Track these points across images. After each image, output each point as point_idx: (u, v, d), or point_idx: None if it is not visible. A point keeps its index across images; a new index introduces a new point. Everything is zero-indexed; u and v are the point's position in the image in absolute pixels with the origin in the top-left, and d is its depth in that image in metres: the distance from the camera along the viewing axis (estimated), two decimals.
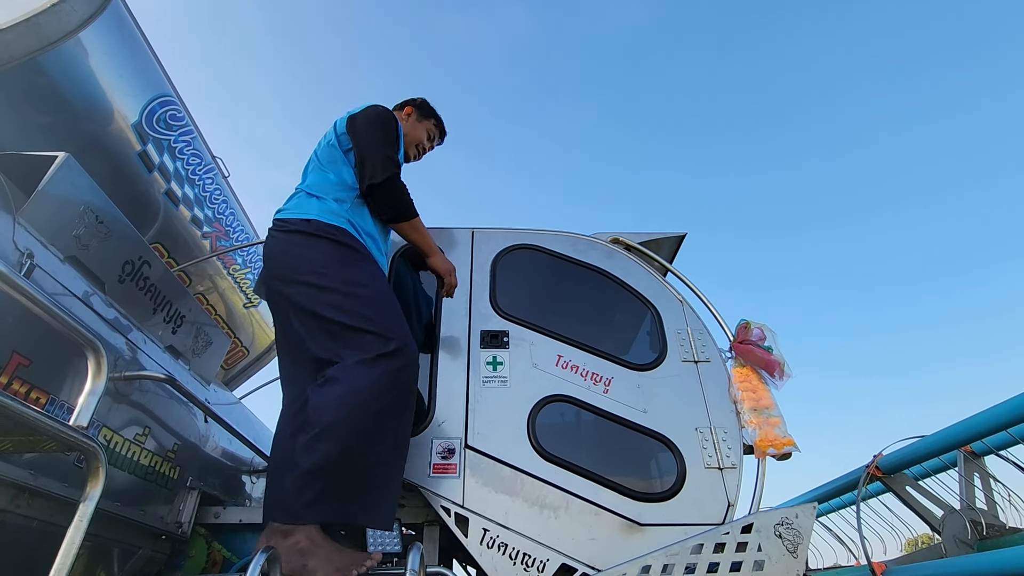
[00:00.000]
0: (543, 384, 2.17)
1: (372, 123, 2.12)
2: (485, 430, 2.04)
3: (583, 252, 2.64)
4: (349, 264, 1.88)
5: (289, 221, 1.96)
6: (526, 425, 2.05)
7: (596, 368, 2.24)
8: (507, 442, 2.01)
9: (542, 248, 2.65)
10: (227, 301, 3.79)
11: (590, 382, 2.20)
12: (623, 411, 2.13)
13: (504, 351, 2.26)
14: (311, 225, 1.92)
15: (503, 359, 2.23)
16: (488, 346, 2.27)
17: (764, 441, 2.07)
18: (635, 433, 2.11)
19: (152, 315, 2.28)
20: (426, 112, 2.55)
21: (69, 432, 1.03)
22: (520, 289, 2.59)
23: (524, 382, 2.17)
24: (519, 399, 2.12)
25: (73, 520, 1.07)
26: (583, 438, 2.41)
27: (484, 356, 2.25)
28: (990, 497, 2.70)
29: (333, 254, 1.88)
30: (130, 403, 1.94)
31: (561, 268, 2.64)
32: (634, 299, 2.55)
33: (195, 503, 2.24)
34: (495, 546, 1.83)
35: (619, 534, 1.85)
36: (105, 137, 2.62)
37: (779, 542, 1.60)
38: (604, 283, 2.59)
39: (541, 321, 2.38)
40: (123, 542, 1.91)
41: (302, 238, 1.90)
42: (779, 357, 2.31)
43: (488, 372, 2.20)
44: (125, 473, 1.87)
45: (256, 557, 1.25)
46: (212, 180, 3.37)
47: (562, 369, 2.22)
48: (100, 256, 1.90)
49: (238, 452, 2.91)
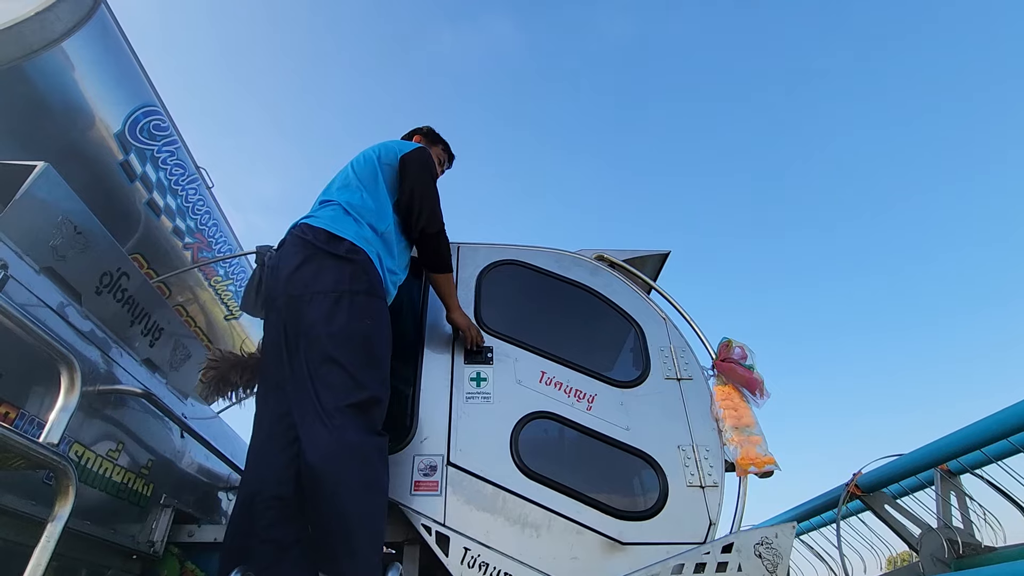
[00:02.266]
0: (527, 400, 2.16)
1: (424, 168, 2.21)
2: (467, 447, 2.02)
3: (567, 268, 2.66)
4: (361, 299, 1.84)
5: (318, 233, 1.91)
6: (509, 442, 2.04)
7: (580, 385, 2.24)
8: (490, 459, 2.00)
9: (527, 264, 2.66)
10: (207, 313, 3.74)
11: (573, 399, 2.20)
12: (606, 428, 2.13)
13: (488, 367, 2.25)
14: (343, 246, 1.89)
15: (487, 375, 2.22)
16: (472, 361, 2.26)
17: (745, 459, 2.08)
18: (618, 451, 2.11)
19: (129, 327, 2.23)
20: (433, 139, 2.61)
21: (39, 449, 1.00)
22: (505, 305, 2.59)
23: (508, 398, 2.16)
24: (502, 415, 2.11)
25: (40, 540, 1.04)
26: (566, 456, 2.40)
27: (468, 372, 2.23)
28: (966, 516, 2.74)
29: (349, 283, 1.84)
30: (104, 418, 1.89)
31: (546, 284, 2.65)
32: (618, 316, 2.56)
33: (168, 521, 2.18)
34: (476, 565, 1.81)
35: (600, 553, 1.83)
36: (87, 146, 2.59)
37: (759, 562, 1.61)
38: (588, 300, 2.61)
39: (525, 337, 2.38)
40: (91, 562, 1.85)
41: (326, 258, 1.86)
42: (759, 376, 2.34)
43: (472, 388, 2.18)
44: (96, 490, 1.82)
45: None
46: (195, 191, 3.34)
47: (546, 385, 2.22)
48: (77, 267, 1.87)
49: (215, 468, 2.84)
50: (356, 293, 1.83)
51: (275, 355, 1.89)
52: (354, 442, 1.61)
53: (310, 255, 1.87)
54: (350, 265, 1.86)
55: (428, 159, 2.26)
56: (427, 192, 2.16)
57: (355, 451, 1.60)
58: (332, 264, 1.85)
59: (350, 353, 1.73)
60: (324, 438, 1.59)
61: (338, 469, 1.57)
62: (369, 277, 1.90)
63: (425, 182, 2.18)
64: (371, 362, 1.78)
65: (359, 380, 1.70)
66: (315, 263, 1.85)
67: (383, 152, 2.22)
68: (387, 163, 2.19)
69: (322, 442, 1.59)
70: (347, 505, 1.55)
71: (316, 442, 1.59)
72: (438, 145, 2.63)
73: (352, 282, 1.84)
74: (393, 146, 2.26)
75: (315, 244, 1.88)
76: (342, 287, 1.82)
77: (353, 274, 1.86)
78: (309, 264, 1.85)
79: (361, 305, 1.83)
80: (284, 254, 1.93)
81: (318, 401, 1.65)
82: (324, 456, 1.57)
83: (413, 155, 2.21)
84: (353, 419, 1.64)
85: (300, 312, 1.79)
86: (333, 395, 1.66)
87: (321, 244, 1.88)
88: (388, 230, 2.09)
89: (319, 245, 1.88)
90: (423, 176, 2.18)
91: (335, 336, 1.73)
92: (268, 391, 1.88)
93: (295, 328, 1.78)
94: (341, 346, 1.72)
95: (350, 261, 1.87)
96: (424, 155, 2.25)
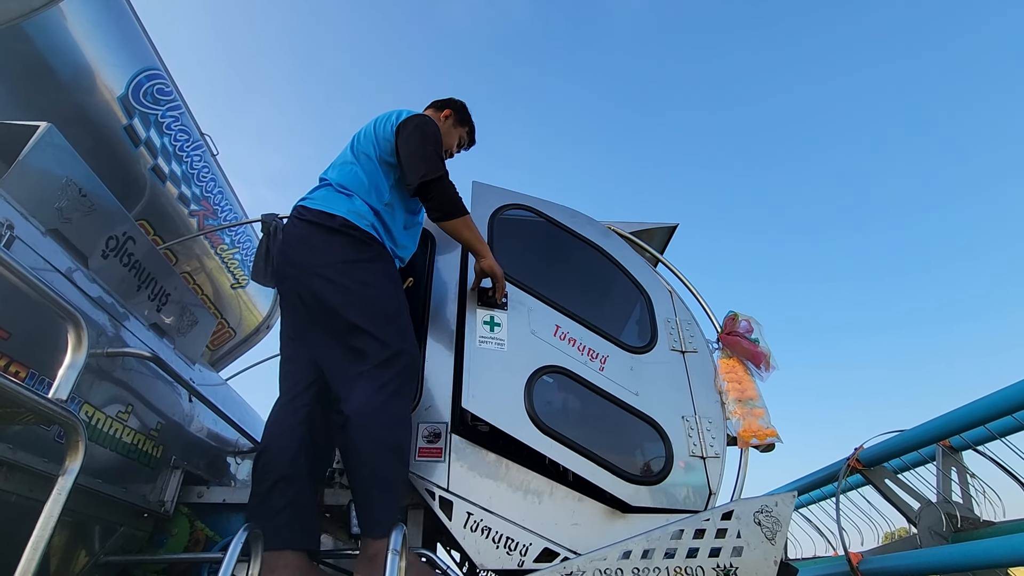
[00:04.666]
0: (541, 352, 2.08)
1: (416, 129, 2.12)
2: (480, 394, 1.94)
3: (581, 227, 2.60)
4: (365, 265, 1.90)
5: (313, 212, 1.96)
6: (523, 393, 1.97)
7: (593, 344, 2.19)
8: (503, 408, 1.93)
9: (541, 213, 2.57)
10: (214, 281, 3.75)
11: (586, 357, 2.15)
12: (617, 391, 2.10)
13: (502, 313, 2.15)
14: (335, 221, 1.92)
15: (500, 320, 2.13)
16: (486, 304, 2.16)
17: (747, 432, 2.09)
18: (622, 416, 2.11)
19: (136, 292, 2.25)
20: (463, 119, 2.53)
21: (48, 405, 1.01)
22: (518, 252, 2.47)
23: (521, 348, 2.08)
24: (516, 365, 2.03)
25: (51, 493, 1.06)
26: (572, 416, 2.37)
27: (481, 315, 2.12)
28: (966, 491, 2.75)
29: (351, 253, 1.90)
30: (113, 380, 1.92)
31: (559, 239, 2.57)
32: (628, 282, 2.54)
33: (178, 482, 2.22)
34: (479, 529, 1.84)
35: (601, 520, 1.86)
36: (89, 109, 2.56)
37: (758, 529, 1.63)
38: (600, 261, 2.55)
39: (539, 288, 2.28)
40: (104, 519, 1.89)
41: (324, 233, 1.91)
42: (765, 349, 2.33)
43: (485, 332, 2.08)
44: (107, 450, 1.85)
45: (237, 535, 1.24)
46: (200, 157, 3.31)
47: (560, 340, 2.15)
48: (83, 230, 1.87)
49: (223, 433, 2.89)
50: (360, 260, 1.89)
51: (292, 328, 2.01)
52: (382, 399, 1.71)
53: (308, 234, 1.93)
54: (347, 237, 1.91)
55: (423, 122, 2.15)
56: (419, 147, 2.06)
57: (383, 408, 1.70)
58: (331, 239, 1.91)
59: (369, 317, 1.80)
60: (356, 398, 1.70)
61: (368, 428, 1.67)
62: (369, 246, 1.95)
63: (416, 139, 2.08)
64: (390, 320, 1.85)
65: (383, 340, 1.78)
66: (315, 240, 1.91)
67: (378, 124, 2.17)
68: (382, 136, 2.14)
69: (355, 402, 1.70)
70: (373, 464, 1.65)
71: (350, 402, 1.70)
72: (465, 127, 2.53)
73: (355, 252, 1.90)
74: (391, 116, 2.19)
75: (312, 222, 1.94)
76: (347, 257, 1.88)
77: (352, 245, 1.91)
78: (308, 242, 1.91)
79: (368, 270, 1.89)
80: (287, 237, 1.98)
81: (348, 366, 1.77)
82: (358, 412, 1.68)
83: (405, 121, 2.14)
84: (382, 377, 1.73)
85: (313, 289, 1.86)
86: (361, 359, 1.76)
87: (315, 222, 1.94)
88: (387, 204, 2.07)
89: (315, 221, 1.94)
90: (414, 136, 2.09)
91: (351, 304, 1.81)
92: (286, 361, 2.00)
93: (314, 305, 1.86)
94: (359, 312, 1.80)
95: (346, 234, 1.92)
96: (418, 119, 2.16)
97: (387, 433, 1.69)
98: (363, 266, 1.89)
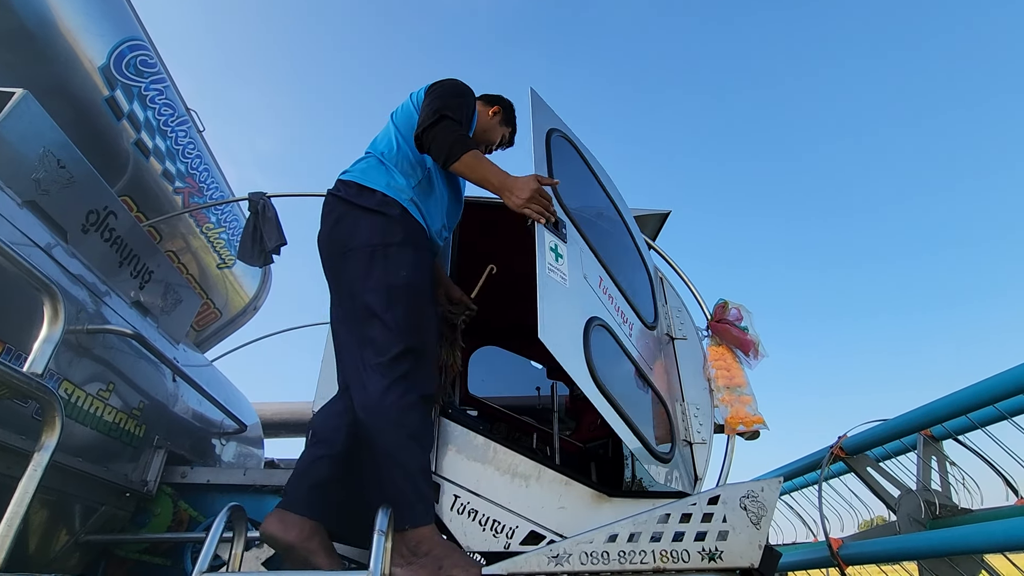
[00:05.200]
0: (590, 301, 1.87)
1: (436, 90, 2.01)
2: (551, 326, 1.61)
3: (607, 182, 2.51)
4: (397, 250, 1.83)
5: (351, 188, 1.91)
6: (582, 339, 1.74)
7: (624, 308, 2.09)
8: (569, 351, 1.68)
9: (583, 156, 2.42)
10: (200, 261, 3.69)
11: (620, 319, 2.02)
12: (641, 363, 2.02)
13: (563, 244, 1.89)
14: (374, 198, 1.87)
15: (563, 253, 1.87)
16: (551, 231, 1.85)
17: (735, 418, 2.11)
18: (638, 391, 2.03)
19: (118, 269, 2.20)
20: (508, 119, 2.44)
21: (22, 378, 0.98)
22: (567, 187, 2.15)
23: (577, 290, 1.85)
24: (574, 307, 1.79)
25: (27, 469, 1.03)
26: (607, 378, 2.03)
27: (548, 240, 1.81)
28: (945, 479, 2.80)
29: (385, 236, 1.83)
30: (93, 358, 1.88)
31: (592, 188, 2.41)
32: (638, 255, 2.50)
33: (162, 462, 2.20)
34: (465, 512, 1.83)
35: (588, 504, 1.86)
36: (69, 80, 2.47)
37: (744, 514, 1.63)
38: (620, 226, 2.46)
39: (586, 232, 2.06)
40: (85, 498, 1.87)
41: (360, 212, 1.86)
42: (754, 337, 2.34)
43: (552, 260, 1.80)
44: (87, 428, 1.82)
45: (220, 514, 1.22)
46: (186, 133, 3.23)
47: (603, 293, 2.00)
48: (62, 203, 1.81)
49: (208, 414, 2.86)
50: (389, 246, 1.82)
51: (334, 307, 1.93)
52: (393, 396, 1.65)
53: (343, 212, 1.87)
54: (382, 217, 1.85)
55: (448, 82, 2.03)
56: (428, 103, 1.93)
57: (393, 405, 1.64)
58: (364, 218, 1.85)
59: (388, 308, 1.74)
60: (367, 392, 1.65)
61: (378, 421, 1.62)
62: (404, 227, 1.87)
63: (431, 97, 1.95)
64: (410, 314, 1.78)
65: (399, 334, 1.72)
66: (349, 220, 1.85)
67: (416, 94, 2.10)
68: (417, 104, 2.05)
69: (365, 397, 1.65)
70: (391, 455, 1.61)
71: (361, 397, 1.66)
72: (509, 127, 2.42)
73: (385, 235, 1.83)
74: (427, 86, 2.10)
75: (347, 199, 1.88)
76: (375, 241, 1.81)
77: (386, 226, 1.84)
78: (343, 222, 1.86)
79: (396, 258, 1.82)
80: (323, 213, 1.93)
81: (361, 357, 1.71)
82: (366, 409, 1.64)
83: (433, 84, 2.05)
84: (393, 372, 1.67)
85: (339, 270, 1.82)
86: (375, 350, 1.70)
87: (353, 198, 1.88)
88: (425, 175, 1.99)
89: (351, 200, 1.88)
90: (432, 93, 1.97)
91: (373, 291, 1.75)
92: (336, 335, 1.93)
93: (337, 286, 1.84)
94: (379, 301, 1.74)
95: (382, 213, 1.85)
96: (446, 80, 2.05)
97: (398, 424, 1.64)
98: (395, 251, 1.83)
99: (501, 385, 4.02)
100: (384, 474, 1.62)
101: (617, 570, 1.58)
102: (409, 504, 1.58)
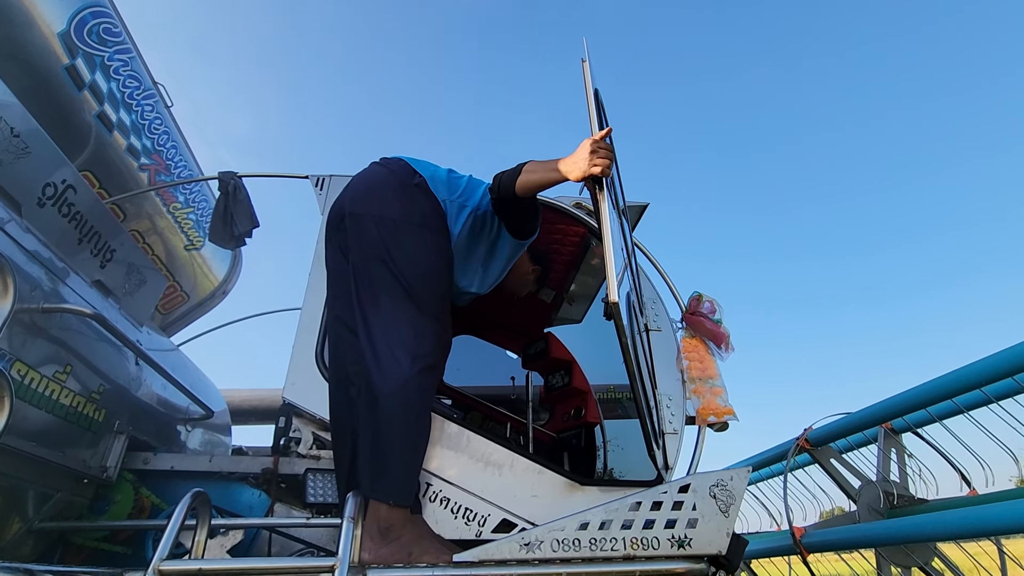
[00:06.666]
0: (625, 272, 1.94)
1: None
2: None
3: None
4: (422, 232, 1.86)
5: (395, 163, 1.96)
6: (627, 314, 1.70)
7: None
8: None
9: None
10: (166, 242, 3.55)
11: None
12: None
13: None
14: (414, 179, 1.92)
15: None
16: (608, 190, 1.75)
17: (706, 409, 2.14)
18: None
19: (78, 247, 2.10)
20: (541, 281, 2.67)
21: None
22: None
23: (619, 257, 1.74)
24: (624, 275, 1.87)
25: None
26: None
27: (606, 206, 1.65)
28: (903, 471, 2.91)
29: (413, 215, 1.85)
30: (49, 338, 1.79)
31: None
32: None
33: (122, 448, 2.12)
34: (438, 500, 1.83)
35: (560, 492, 1.87)
36: (25, 45, 2.33)
37: (713, 502, 1.66)
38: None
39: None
40: (39, 484, 1.79)
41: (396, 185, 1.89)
42: (726, 330, 2.38)
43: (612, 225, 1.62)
44: (41, 411, 1.74)
45: (183, 501, 1.18)
46: (152, 108, 3.10)
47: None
48: (15, 174, 1.72)
49: (173, 399, 2.77)
50: (411, 224, 1.84)
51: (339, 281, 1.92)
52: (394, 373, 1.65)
53: (380, 181, 1.91)
54: (413, 197, 1.88)
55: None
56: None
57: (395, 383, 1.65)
58: (398, 192, 1.87)
59: (399, 283, 1.75)
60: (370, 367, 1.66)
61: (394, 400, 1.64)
62: (431, 213, 1.90)
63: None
64: (421, 293, 1.78)
65: (407, 310, 1.73)
66: (382, 189, 1.88)
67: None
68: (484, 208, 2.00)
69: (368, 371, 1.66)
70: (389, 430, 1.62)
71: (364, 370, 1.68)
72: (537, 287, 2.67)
73: (412, 214, 1.85)
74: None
75: (387, 168, 1.93)
76: (398, 214, 1.84)
77: (415, 205, 1.87)
78: (376, 189, 1.88)
79: (416, 236, 1.83)
80: (358, 175, 1.97)
81: (367, 328, 1.71)
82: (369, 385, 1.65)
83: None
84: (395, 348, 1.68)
85: (356, 232, 1.82)
86: (381, 324, 1.71)
87: (394, 169, 1.93)
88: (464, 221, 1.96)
89: (392, 169, 1.93)
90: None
91: (387, 263, 1.76)
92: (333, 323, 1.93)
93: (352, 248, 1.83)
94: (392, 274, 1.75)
95: (413, 196, 1.89)
96: None
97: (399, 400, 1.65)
98: (413, 231, 1.84)
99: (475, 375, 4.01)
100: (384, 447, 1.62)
101: (588, 557, 1.59)
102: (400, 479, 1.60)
